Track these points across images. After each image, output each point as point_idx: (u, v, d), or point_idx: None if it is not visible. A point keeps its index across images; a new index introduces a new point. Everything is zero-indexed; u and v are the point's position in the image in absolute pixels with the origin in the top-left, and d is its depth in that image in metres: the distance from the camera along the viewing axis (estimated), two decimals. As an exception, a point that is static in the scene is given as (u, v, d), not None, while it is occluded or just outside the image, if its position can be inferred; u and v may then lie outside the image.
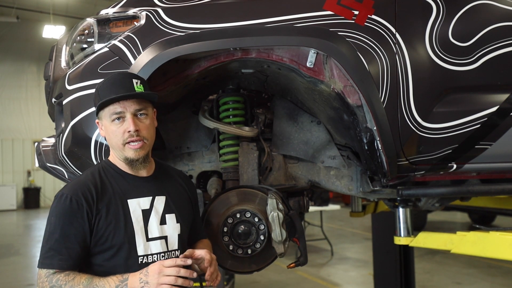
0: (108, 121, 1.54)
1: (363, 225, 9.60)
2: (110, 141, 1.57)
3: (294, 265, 1.99)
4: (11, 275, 6.62)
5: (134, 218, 1.53)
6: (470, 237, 2.00)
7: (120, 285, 1.42)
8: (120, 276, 1.44)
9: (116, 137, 1.53)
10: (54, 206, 1.49)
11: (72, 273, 1.44)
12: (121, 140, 1.53)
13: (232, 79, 2.21)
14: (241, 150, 2.18)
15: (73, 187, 1.51)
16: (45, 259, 1.45)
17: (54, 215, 1.48)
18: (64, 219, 1.46)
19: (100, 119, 1.58)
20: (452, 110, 1.92)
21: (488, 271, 6.04)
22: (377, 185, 2.18)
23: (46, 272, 1.44)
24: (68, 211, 1.46)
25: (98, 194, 1.51)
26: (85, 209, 1.47)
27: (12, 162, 16.32)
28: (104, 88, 1.54)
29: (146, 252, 1.54)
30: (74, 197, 1.47)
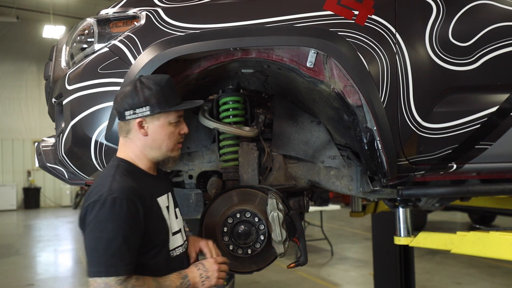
0: (167, 122, 1.59)
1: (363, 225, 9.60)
2: (160, 142, 1.59)
3: (294, 265, 1.99)
4: (11, 275, 6.62)
5: (165, 215, 1.61)
6: (470, 237, 2.00)
7: (183, 282, 1.53)
8: (178, 273, 1.54)
9: (172, 138, 1.61)
10: (107, 212, 1.42)
11: (139, 277, 1.44)
12: (175, 141, 1.62)
13: (232, 79, 2.21)
14: (241, 150, 2.18)
15: (122, 190, 1.46)
16: (110, 267, 1.39)
17: (111, 221, 1.41)
18: (124, 224, 1.42)
19: (154, 120, 1.57)
20: (452, 110, 1.92)
21: (488, 271, 6.04)
22: (377, 185, 2.18)
23: (117, 280, 1.39)
24: (127, 216, 1.43)
25: (142, 195, 1.51)
26: (140, 211, 1.47)
27: (12, 162, 16.32)
28: (170, 92, 1.59)
29: (173, 246, 1.62)
30: (128, 200, 1.45)
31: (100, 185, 1.48)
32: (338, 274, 6.27)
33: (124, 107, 1.57)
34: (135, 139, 1.60)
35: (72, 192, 16.54)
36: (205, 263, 1.62)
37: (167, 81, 1.60)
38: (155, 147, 1.60)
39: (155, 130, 1.58)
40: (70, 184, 2.27)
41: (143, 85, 1.57)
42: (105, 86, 1.83)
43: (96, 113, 1.83)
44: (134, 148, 1.60)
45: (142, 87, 1.56)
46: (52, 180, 15.59)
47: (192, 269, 1.59)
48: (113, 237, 1.41)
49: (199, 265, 1.61)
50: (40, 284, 6.17)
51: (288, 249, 1.92)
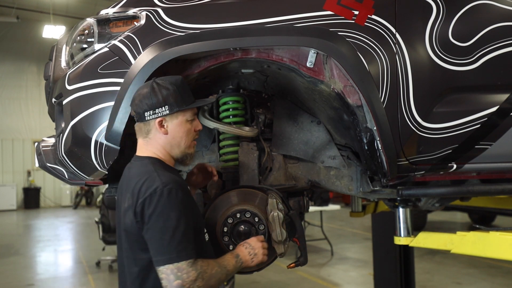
0: (184, 120, 1.68)
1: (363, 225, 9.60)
2: (179, 139, 1.69)
3: (294, 265, 1.98)
4: (11, 275, 6.62)
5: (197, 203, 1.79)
6: (470, 237, 1.99)
7: (237, 260, 1.68)
8: (230, 253, 1.70)
9: (189, 136, 1.70)
10: (167, 201, 1.51)
11: (204, 259, 1.56)
12: (192, 138, 1.72)
13: (232, 79, 2.21)
14: (241, 150, 2.18)
15: (174, 181, 1.57)
16: (180, 252, 1.50)
17: (172, 210, 1.51)
18: (185, 211, 1.54)
19: (173, 118, 1.67)
20: (452, 110, 1.92)
21: (488, 271, 6.04)
22: (377, 185, 2.18)
23: (187, 263, 1.50)
24: (185, 203, 1.55)
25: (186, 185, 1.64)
26: (190, 198, 1.63)
27: (12, 162, 16.32)
28: (184, 91, 1.67)
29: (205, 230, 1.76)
30: (183, 190, 1.57)
31: (149, 180, 1.56)
32: (338, 274, 6.27)
33: (144, 108, 1.65)
34: (156, 138, 1.68)
35: (72, 192, 16.55)
36: (250, 242, 1.76)
37: (181, 81, 1.70)
38: (175, 144, 1.69)
39: (174, 128, 1.67)
40: (70, 184, 2.26)
41: (159, 86, 1.65)
42: (105, 86, 1.82)
43: (96, 113, 1.82)
44: (157, 147, 1.69)
45: (159, 88, 1.64)
46: (52, 180, 15.60)
47: (241, 249, 1.73)
48: (177, 224, 1.50)
49: (245, 244, 1.76)
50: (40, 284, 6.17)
51: (288, 249, 1.92)
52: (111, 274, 6.58)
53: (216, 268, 1.58)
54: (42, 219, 13.34)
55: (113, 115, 1.80)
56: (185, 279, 1.48)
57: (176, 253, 1.49)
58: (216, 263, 1.60)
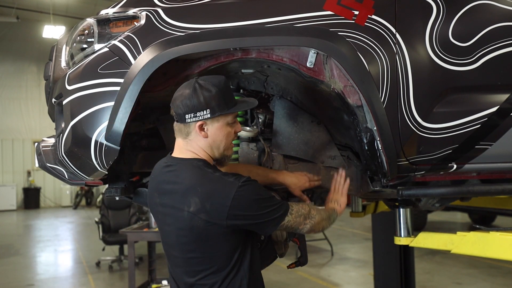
0: (225, 123, 1.66)
1: (363, 225, 9.60)
2: (219, 142, 1.68)
3: (294, 265, 1.99)
4: (11, 275, 6.62)
5: None
6: (470, 237, 1.99)
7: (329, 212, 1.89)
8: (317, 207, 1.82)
9: (229, 138, 1.69)
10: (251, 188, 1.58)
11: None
12: (231, 140, 1.71)
13: (232, 79, 2.21)
14: (241, 150, 2.18)
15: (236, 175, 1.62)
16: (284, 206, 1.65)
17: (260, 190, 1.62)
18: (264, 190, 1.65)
19: (214, 122, 1.65)
20: (452, 110, 1.92)
21: (488, 271, 6.04)
22: (377, 185, 2.18)
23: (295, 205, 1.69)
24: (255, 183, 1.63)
25: None
26: None
27: (12, 162, 16.33)
28: (227, 94, 1.66)
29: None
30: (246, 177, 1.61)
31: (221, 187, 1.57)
32: (338, 274, 6.27)
33: (184, 110, 1.62)
34: (196, 140, 1.67)
35: (72, 192, 16.56)
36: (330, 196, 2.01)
37: (224, 82, 1.66)
38: (215, 147, 1.68)
39: (215, 132, 1.65)
40: (70, 184, 2.26)
41: (202, 87, 1.61)
42: (105, 86, 1.82)
43: (96, 113, 1.82)
44: (197, 148, 1.68)
45: (201, 90, 1.61)
46: (52, 180, 15.60)
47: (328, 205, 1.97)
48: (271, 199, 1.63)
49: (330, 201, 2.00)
50: (40, 284, 6.17)
51: (288, 249, 1.92)
52: (111, 274, 6.58)
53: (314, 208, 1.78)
54: (42, 219, 13.34)
55: (113, 115, 1.80)
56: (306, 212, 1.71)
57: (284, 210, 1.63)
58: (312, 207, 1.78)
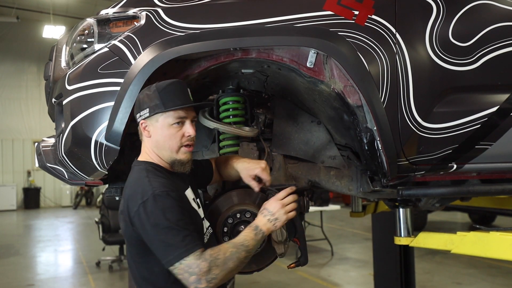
0: (166, 124, 1.63)
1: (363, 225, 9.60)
2: (161, 143, 1.65)
3: (294, 265, 1.98)
4: (11, 275, 6.62)
5: (194, 206, 1.70)
6: (470, 237, 1.99)
7: (256, 232, 1.61)
8: (248, 228, 1.63)
9: (173, 140, 1.64)
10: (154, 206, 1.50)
11: (214, 247, 1.54)
12: (178, 143, 1.65)
13: (232, 79, 2.21)
14: (241, 150, 2.18)
15: (163, 185, 1.56)
16: (187, 246, 1.48)
17: (167, 211, 1.50)
18: (178, 209, 1.52)
19: (153, 121, 1.64)
20: (452, 110, 1.92)
21: (488, 271, 6.04)
22: (377, 185, 2.18)
23: (194, 256, 1.48)
24: (175, 203, 1.53)
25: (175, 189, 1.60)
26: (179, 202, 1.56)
27: (12, 162, 16.32)
28: (169, 93, 1.63)
29: (204, 232, 1.72)
30: (171, 191, 1.55)
31: (140, 188, 1.56)
32: (338, 274, 6.27)
33: (135, 111, 1.69)
34: (146, 141, 1.70)
35: (72, 192, 16.55)
36: (268, 207, 1.68)
37: (169, 84, 1.66)
38: (160, 147, 1.66)
39: (156, 132, 1.65)
40: (70, 184, 2.26)
41: (147, 89, 1.67)
42: (105, 86, 1.82)
43: (96, 113, 1.82)
44: (148, 149, 1.69)
45: (144, 91, 1.67)
46: (52, 180, 15.59)
47: (259, 218, 1.66)
48: (175, 223, 1.49)
49: (263, 211, 1.68)
50: (40, 284, 6.17)
51: (288, 249, 1.92)
52: (111, 274, 6.58)
53: (230, 249, 1.53)
54: (42, 219, 13.33)
55: (113, 115, 1.80)
56: (198, 273, 1.46)
57: (184, 249, 1.47)
58: (231, 244, 1.56)
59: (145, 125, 1.66)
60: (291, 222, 1.95)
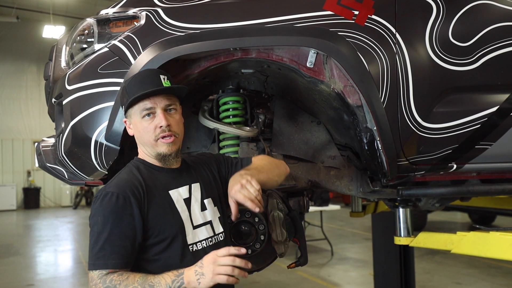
0: (138, 118, 1.55)
1: (363, 225, 9.60)
2: (141, 138, 1.58)
3: (294, 265, 1.98)
4: (11, 275, 6.62)
5: (179, 208, 1.55)
6: (470, 237, 2.00)
7: (176, 279, 1.38)
8: (176, 271, 1.40)
9: (148, 134, 1.54)
10: (98, 205, 1.45)
11: (126, 272, 1.41)
12: (153, 136, 1.54)
13: (232, 79, 2.21)
14: (241, 150, 2.18)
15: (118, 185, 1.48)
16: (97, 260, 1.40)
17: (101, 215, 1.43)
18: (113, 217, 1.42)
19: (129, 117, 1.58)
20: (452, 110, 1.92)
21: (488, 271, 6.04)
22: (377, 185, 2.18)
23: (99, 273, 1.39)
24: (116, 209, 1.43)
25: (143, 189, 1.50)
26: (134, 205, 1.45)
27: (12, 162, 16.32)
28: (133, 85, 1.54)
29: (195, 240, 1.55)
30: (121, 194, 1.45)
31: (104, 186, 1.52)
32: (338, 274, 6.27)
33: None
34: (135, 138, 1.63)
35: (72, 192, 16.55)
36: (204, 258, 1.41)
37: (134, 75, 1.60)
38: (142, 143, 1.59)
39: (134, 127, 1.58)
40: (70, 184, 2.27)
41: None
42: (105, 86, 1.83)
43: (96, 113, 1.83)
44: (138, 146, 1.63)
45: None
46: (52, 180, 15.59)
47: (191, 267, 1.41)
48: (102, 230, 1.41)
49: (199, 261, 1.42)
50: (40, 284, 6.17)
51: (288, 249, 1.92)
52: (111, 274, 6.56)
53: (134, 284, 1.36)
54: (42, 219, 13.33)
55: (113, 115, 1.80)
56: None
57: (94, 261, 1.40)
58: (141, 279, 1.38)
59: (128, 123, 1.60)
60: (291, 222, 1.96)
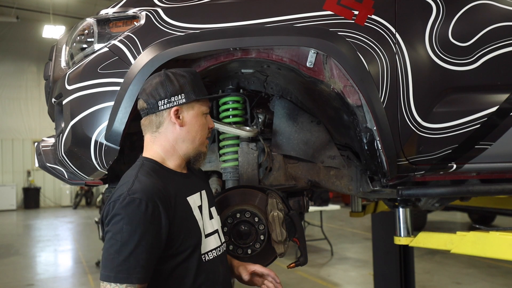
0: (200, 112, 1.52)
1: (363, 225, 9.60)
2: (193, 134, 1.51)
3: (294, 265, 1.98)
4: (11, 275, 6.62)
5: (196, 216, 1.48)
6: (470, 237, 2.00)
7: None
8: None
9: (204, 130, 1.54)
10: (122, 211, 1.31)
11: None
12: (205, 134, 1.55)
13: (232, 79, 2.21)
14: (241, 150, 2.18)
15: (146, 191, 1.34)
16: (118, 273, 1.27)
17: (127, 223, 1.29)
18: (142, 228, 1.30)
19: (186, 108, 1.50)
20: (452, 110, 1.92)
21: (488, 271, 6.04)
22: (377, 185, 2.18)
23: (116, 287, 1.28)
24: (145, 219, 1.31)
25: (170, 197, 1.40)
26: (162, 214, 1.35)
27: (12, 162, 16.32)
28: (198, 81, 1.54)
29: (206, 250, 1.48)
30: (150, 203, 1.32)
31: (123, 185, 1.38)
32: (338, 274, 6.27)
33: (157, 97, 1.47)
34: (167, 133, 1.49)
35: (72, 192, 16.55)
36: None
37: (196, 72, 1.58)
38: (189, 139, 1.50)
39: (190, 120, 1.50)
40: (70, 184, 2.26)
41: (175, 74, 1.50)
42: (105, 86, 1.82)
43: (96, 113, 1.83)
44: (165, 144, 1.50)
45: (175, 76, 1.50)
46: (52, 180, 15.60)
47: None
48: (127, 241, 1.29)
49: None
50: (40, 284, 6.17)
51: (288, 249, 1.92)
52: (111, 274, 6.56)
53: None
54: (42, 219, 13.33)
55: (113, 115, 1.80)
56: None
57: (115, 273, 1.27)
58: None
59: (180, 112, 1.48)
60: (291, 222, 1.96)
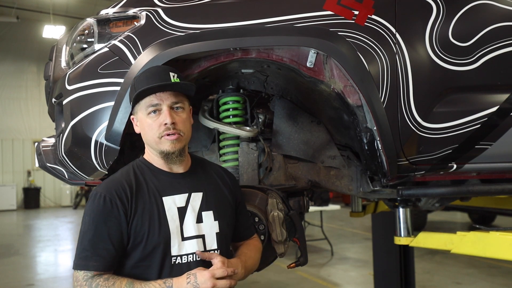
0: (144, 114, 1.51)
1: (363, 225, 9.60)
2: (145, 136, 1.53)
3: (294, 265, 1.98)
4: (11, 275, 6.62)
5: (169, 216, 1.48)
6: (470, 237, 2.00)
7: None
8: (163, 281, 1.39)
9: (152, 131, 1.49)
10: (88, 205, 1.45)
11: (111, 277, 1.39)
12: (157, 133, 1.49)
13: (232, 79, 2.21)
14: (241, 150, 2.18)
15: (107, 186, 1.47)
16: (79, 260, 1.41)
17: (87, 215, 1.44)
18: (98, 218, 1.42)
19: (136, 114, 1.55)
20: (452, 110, 1.93)
21: (488, 271, 6.04)
22: (377, 185, 2.18)
23: (84, 275, 1.39)
24: (102, 211, 1.42)
25: (132, 192, 1.46)
26: (119, 208, 1.43)
27: (12, 162, 16.32)
28: (141, 80, 1.52)
29: (180, 252, 1.47)
30: (108, 195, 1.43)
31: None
32: (338, 274, 6.27)
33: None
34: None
35: (72, 192, 16.55)
36: (198, 276, 1.38)
37: (144, 71, 1.59)
38: (147, 142, 1.55)
39: (141, 125, 1.54)
40: (70, 184, 2.27)
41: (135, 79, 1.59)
42: (105, 86, 1.83)
43: (96, 113, 1.83)
44: (145, 146, 1.59)
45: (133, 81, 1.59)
46: (52, 180, 15.59)
47: (181, 280, 1.38)
48: (86, 231, 1.42)
49: (191, 276, 1.38)
50: (40, 284, 6.17)
51: (288, 249, 1.92)
52: (111, 274, 6.56)
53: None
54: (42, 219, 13.33)
55: (113, 115, 1.80)
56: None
57: (77, 260, 1.41)
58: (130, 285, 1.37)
59: (135, 120, 1.57)
60: (291, 222, 1.96)
